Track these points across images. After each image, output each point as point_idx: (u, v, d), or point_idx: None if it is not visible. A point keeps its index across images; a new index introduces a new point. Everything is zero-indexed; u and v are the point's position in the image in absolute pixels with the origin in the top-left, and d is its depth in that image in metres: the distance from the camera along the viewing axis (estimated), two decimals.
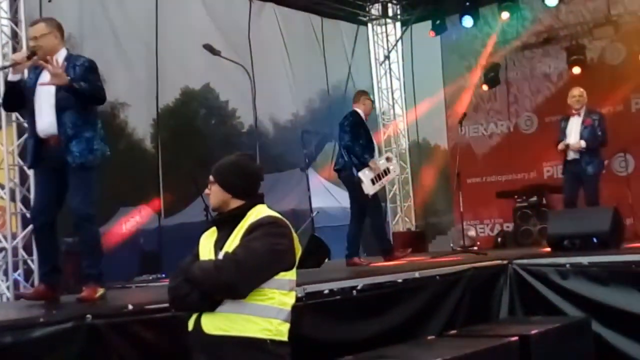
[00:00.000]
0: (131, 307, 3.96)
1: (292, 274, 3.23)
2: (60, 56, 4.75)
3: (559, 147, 8.20)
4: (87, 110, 4.73)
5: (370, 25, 12.94)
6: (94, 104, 4.80)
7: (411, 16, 12.54)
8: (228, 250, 3.14)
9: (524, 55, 11.84)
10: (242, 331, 3.06)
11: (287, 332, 3.18)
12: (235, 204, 3.28)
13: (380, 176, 7.66)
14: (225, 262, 3.08)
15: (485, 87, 11.95)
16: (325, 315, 4.79)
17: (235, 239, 3.17)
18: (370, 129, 7.93)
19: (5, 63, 6.95)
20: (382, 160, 7.91)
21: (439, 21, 11.93)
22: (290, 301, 3.20)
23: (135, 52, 10.55)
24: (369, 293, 5.19)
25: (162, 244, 11.08)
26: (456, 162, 8.86)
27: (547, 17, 11.52)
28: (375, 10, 12.82)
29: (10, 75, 4.73)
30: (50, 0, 8.29)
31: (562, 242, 7.10)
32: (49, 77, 4.56)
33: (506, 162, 11.77)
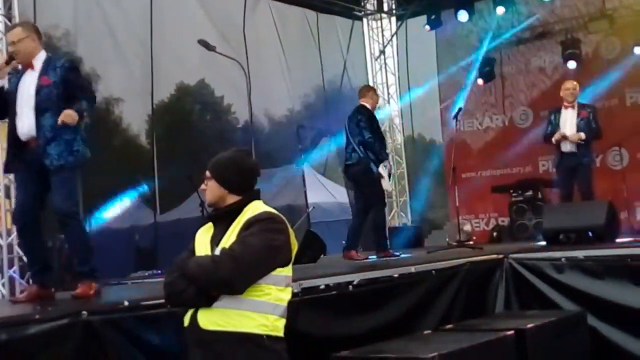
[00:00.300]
0: (127, 303, 3.95)
1: (289, 270, 3.23)
2: (39, 59, 4.78)
3: (554, 137, 7.99)
4: None
5: (365, 20, 12.93)
6: (94, 103, 4.86)
7: (406, 11, 12.52)
8: (225, 246, 3.13)
9: (519, 50, 11.85)
10: (239, 327, 3.06)
11: (283, 327, 3.18)
12: (231, 199, 3.27)
13: (389, 173, 7.78)
14: (223, 257, 3.07)
15: (481, 82, 11.94)
16: (321, 310, 4.79)
17: (232, 235, 3.16)
18: None
19: None
20: None
21: (434, 16, 11.93)
22: (286, 297, 3.20)
23: (130, 48, 10.53)
24: (365, 288, 5.19)
25: (158, 240, 11.07)
26: (451, 157, 8.86)
27: (542, 11, 11.52)
28: (371, 5, 12.83)
29: None
30: None
31: (557, 236, 7.12)
32: (30, 79, 4.66)
33: (501, 156, 11.78)
